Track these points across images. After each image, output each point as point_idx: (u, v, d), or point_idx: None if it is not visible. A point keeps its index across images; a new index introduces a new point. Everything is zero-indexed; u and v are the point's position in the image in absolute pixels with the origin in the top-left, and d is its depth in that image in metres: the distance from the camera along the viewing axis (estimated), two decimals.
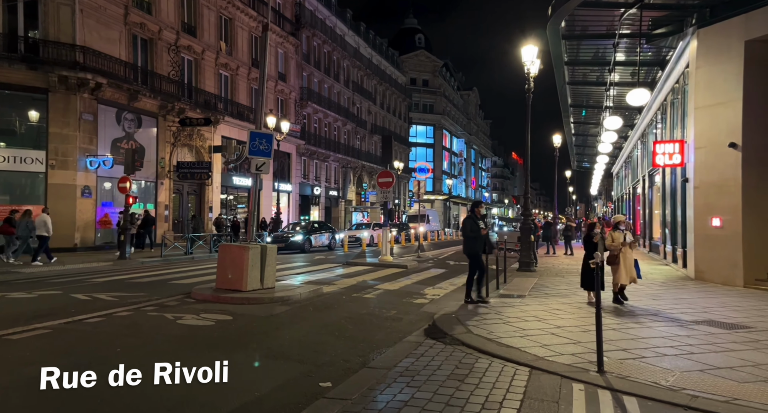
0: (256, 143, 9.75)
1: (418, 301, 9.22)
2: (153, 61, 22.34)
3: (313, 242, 22.54)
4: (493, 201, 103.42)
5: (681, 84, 14.10)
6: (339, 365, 5.15)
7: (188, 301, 8.66)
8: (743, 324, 6.79)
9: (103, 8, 19.49)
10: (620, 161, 33.76)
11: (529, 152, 15.33)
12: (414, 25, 70.17)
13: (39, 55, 17.69)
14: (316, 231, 23.51)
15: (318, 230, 23.74)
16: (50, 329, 6.41)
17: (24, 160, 17.74)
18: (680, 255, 13.93)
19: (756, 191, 11.06)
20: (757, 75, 10.94)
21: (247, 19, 29.13)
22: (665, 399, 4.00)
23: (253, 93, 29.25)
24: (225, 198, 27.87)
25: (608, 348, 5.20)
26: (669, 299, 9.00)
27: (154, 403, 4.04)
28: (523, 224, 14.26)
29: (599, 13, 13.34)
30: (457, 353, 5.37)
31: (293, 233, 22.40)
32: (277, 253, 10.11)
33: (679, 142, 13.12)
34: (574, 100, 22.21)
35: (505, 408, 3.83)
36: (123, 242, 15.68)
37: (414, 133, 63.45)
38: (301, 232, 22.36)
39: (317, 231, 23.58)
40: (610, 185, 48.75)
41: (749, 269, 10.86)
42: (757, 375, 4.62)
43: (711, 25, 11.66)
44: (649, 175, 20.69)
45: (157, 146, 22.46)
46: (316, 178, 38.68)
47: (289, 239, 21.06)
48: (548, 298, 8.89)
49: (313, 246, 22.44)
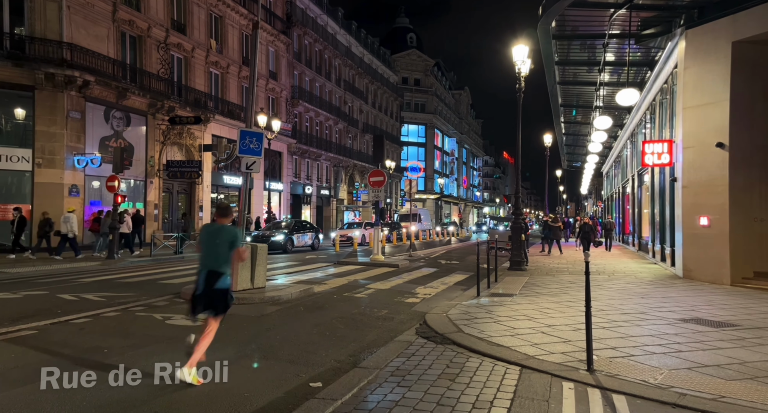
0: (247, 142, 9.68)
1: (410, 300, 9.22)
2: (142, 58, 22.12)
3: (296, 242, 21.62)
4: (484, 200, 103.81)
5: (670, 84, 14.23)
6: (330, 365, 5.13)
7: (178, 301, 8.58)
8: (730, 322, 6.86)
9: (90, 5, 19.26)
10: (610, 161, 34.03)
11: (520, 152, 15.39)
12: (406, 24, 70.19)
13: (25, 52, 17.45)
14: (299, 230, 22.44)
15: (301, 230, 22.66)
16: (36, 330, 6.32)
17: (10, 158, 17.48)
18: (669, 254, 14.07)
19: (743, 190, 11.19)
20: (744, 76, 11.06)
21: (238, 16, 28.95)
22: (654, 397, 4.02)
23: (244, 91, 29.10)
24: (216, 197, 27.67)
25: (598, 346, 5.23)
26: (657, 297, 9.08)
27: (142, 404, 3.99)
28: (514, 223, 14.32)
29: (589, 13, 13.41)
30: (448, 352, 5.37)
31: (274, 232, 21.14)
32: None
33: (668, 142, 13.24)
34: (564, 99, 22.34)
35: (496, 407, 3.84)
36: (111, 242, 15.51)
37: (406, 132, 63.50)
38: (282, 232, 21.21)
39: (300, 230, 22.50)
40: (600, 184, 49.13)
41: (736, 267, 10.98)
42: (744, 372, 4.67)
43: (699, 26, 11.77)
44: (639, 174, 20.87)
45: (147, 144, 22.26)
46: (307, 177, 38.57)
47: (270, 239, 19.68)
48: (539, 297, 8.93)
49: (296, 246, 21.55)
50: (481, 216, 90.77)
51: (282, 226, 22.43)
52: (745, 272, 11.01)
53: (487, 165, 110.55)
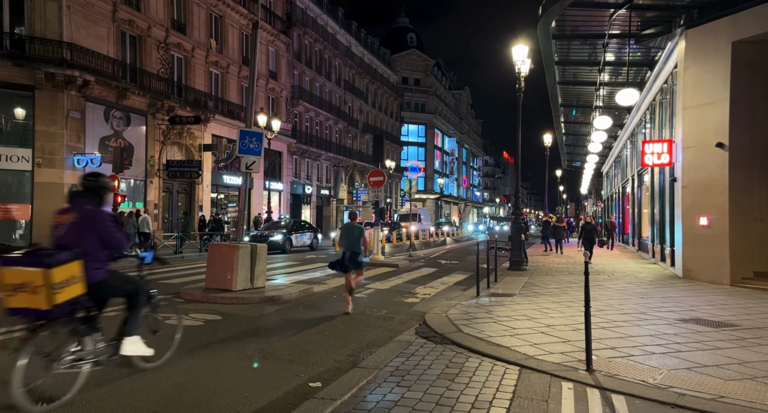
0: (247, 142, 9.70)
1: (409, 300, 9.22)
2: (142, 58, 22.12)
3: (294, 242, 21.58)
4: (484, 200, 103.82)
5: (669, 84, 14.22)
6: (329, 365, 5.13)
7: (177, 301, 8.59)
8: (730, 322, 6.87)
9: (90, 4, 19.26)
10: (610, 161, 34.02)
11: (520, 152, 15.39)
12: (406, 24, 70.16)
13: (25, 52, 17.44)
14: (297, 230, 22.38)
15: (299, 230, 22.60)
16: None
17: (10, 158, 17.48)
18: (668, 254, 14.07)
19: (742, 190, 11.19)
20: (744, 76, 11.06)
21: (238, 16, 28.94)
22: (653, 398, 4.02)
23: (244, 91, 29.09)
24: (216, 197, 27.67)
25: (597, 346, 5.23)
26: (657, 297, 9.09)
27: (141, 402, 3.99)
28: (514, 223, 14.32)
29: (589, 13, 13.41)
30: (447, 352, 5.37)
31: (273, 232, 21.02)
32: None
33: (668, 142, 13.24)
34: (564, 99, 22.34)
35: (495, 407, 3.84)
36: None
37: (406, 132, 63.49)
38: (281, 232, 21.13)
39: (298, 230, 22.45)
40: (600, 184, 49.11)
41: (736, 267, 10.98)
42: (743, 372, 4.67)
43: (699, 26, 11.77)
44: (638, 174, 20.87)
45: (147, 144, 22.25)
46: (307, 177, 38.56)
47: (268, 239, 19.45)
48: (539, 297, 8.93)
49: (294, 246, 21.51)
50: (481, 216, 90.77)
51: (281, 226, 22.36)
52: (745, 272, 11.01)
53: (487, 165, 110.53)
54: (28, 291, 3.53)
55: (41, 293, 3.52)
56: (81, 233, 3.89)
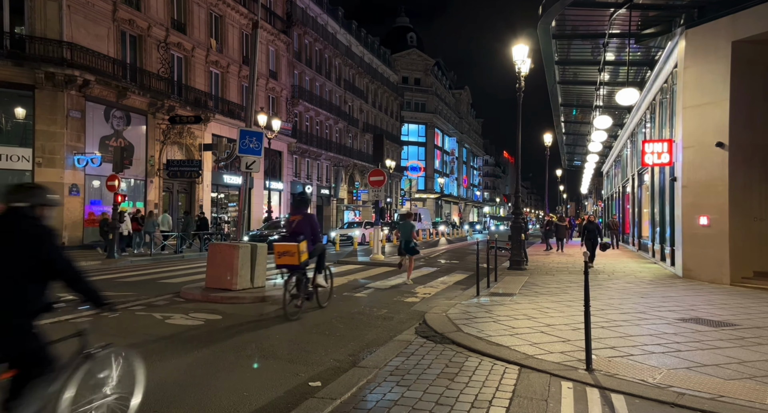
0: (247, 141, 9.70)
1: (409, 300, 9.22)
2: (142, 58, 22.12)
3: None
4: (484, 200, 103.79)
5: (669, 84, 14.22)
6: (329, 364, 5.14)
7: (177, 300, 8.60)
8: (729, 322, 6.87)
9: (91, 4, 19.26)
10: (610, 160, 34.01)
11: (520, 151, 15.40)
12: (406, 23, 70.11)
13: (25, 52, 17.44)
14: None
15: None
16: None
17: (10, 157, 17.48)
18: (668, 254, 14.07)
19: (742, 190, 11.19)
20: (744, 75, 11.06)
21: (238, 16, 28.94)
22: (652, 397, 4.03)
23: (244, 91, 29.09)
24: (216, 197, 27.68)
25: (597, 346, 5.23)
26: (657, 297, 9.09)
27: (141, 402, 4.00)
28: (514, 223, 14.32)
29: (589, 12, 13.41)
30: (447, 352, 5.38)
31: (272, 232, 20.59)
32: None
33: (668, 141, 13.24)
34: (564, 99, 22.34)
35: (495, 406, 3.84)
36: (111, 241, 15.52)
37: (406, 131, 63.49)
38: (280, 231, 20.33)
39: None
40: (600, 183, 49.12)
41: (736, 267, 10.98)
42: (743, 372, 4.67)
43: (699, 26, 11.77)
44: (639, 174, 20.86)
45: (147, 143, 22.26)
46: (307, 176, 38.58)
47: (268, 239, 18.99)
48: (538, 296, 8.93)
49: None
50: (481, 215, 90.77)
51: (281, 226, 22.31)
52: (745, 271, 11.01)
53: (488, 164, 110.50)
54: (289, 255, 7.36)
55: (295, 256, 7.32)
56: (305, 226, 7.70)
